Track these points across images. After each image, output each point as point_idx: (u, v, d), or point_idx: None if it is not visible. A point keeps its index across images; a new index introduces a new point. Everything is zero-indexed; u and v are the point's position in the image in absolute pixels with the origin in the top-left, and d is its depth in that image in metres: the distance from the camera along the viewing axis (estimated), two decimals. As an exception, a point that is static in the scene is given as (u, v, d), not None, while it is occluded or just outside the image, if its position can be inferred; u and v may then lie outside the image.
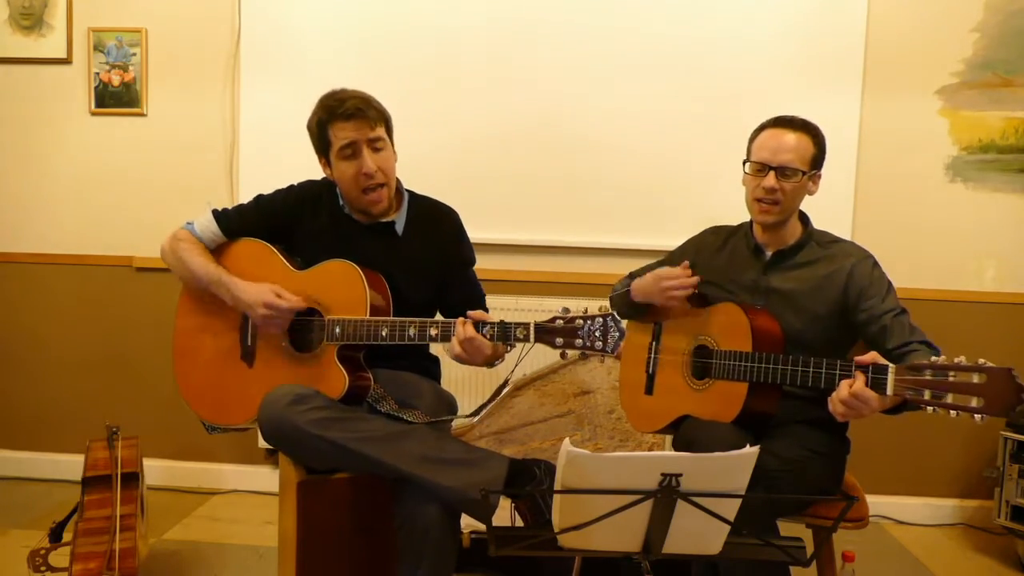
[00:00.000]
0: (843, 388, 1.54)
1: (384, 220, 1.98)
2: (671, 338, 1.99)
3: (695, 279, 1.90)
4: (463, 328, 1.70)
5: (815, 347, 1.76)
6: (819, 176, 1.88)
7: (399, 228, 1.98)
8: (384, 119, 1.90)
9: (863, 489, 2.00)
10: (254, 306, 1.83)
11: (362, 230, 1.97)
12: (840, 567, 1.93)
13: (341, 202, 1.98)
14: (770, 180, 1.82)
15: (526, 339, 1.68)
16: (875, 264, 1.84)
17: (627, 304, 2.00)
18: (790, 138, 1.83)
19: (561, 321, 1.66)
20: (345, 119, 1.84)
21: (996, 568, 2.69)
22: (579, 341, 1.64)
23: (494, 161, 2.98)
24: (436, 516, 1.69)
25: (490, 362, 1.79)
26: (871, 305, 1.78)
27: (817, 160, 1.86)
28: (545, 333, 1.66)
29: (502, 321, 1.69)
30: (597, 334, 1.64)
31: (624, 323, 1.70)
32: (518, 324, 1.68)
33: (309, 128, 1.92)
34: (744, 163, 1.89)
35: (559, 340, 1.65)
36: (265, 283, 1.86)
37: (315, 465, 1.81)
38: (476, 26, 2.95)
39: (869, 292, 1.79)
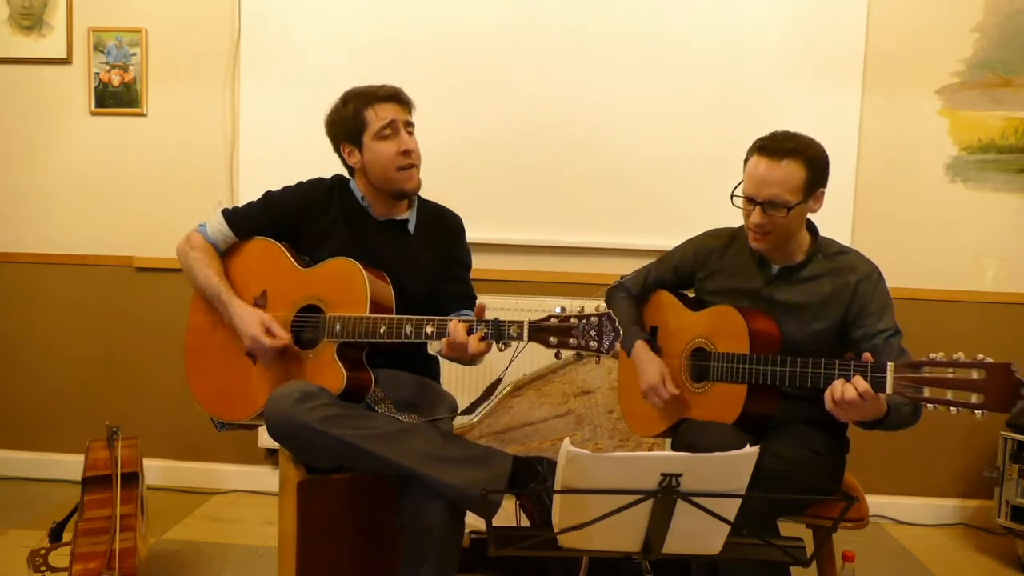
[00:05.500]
0: (834, 391, 1.57)
1: (398, 218, 2.00)
2: (668, 342, 1.99)
3: (669, 396, 1.90)
4: (455, 327, 1.68)
5: (811, 357, 1.73)
6: (821, 193, 1.80)
7: (411, 227, 2.01)
8: (413, 109, 1.98)
9: (863, 489, 2.00)
10: (243, 335, 1.85)
11: (376, 225, 1.99)
12: (840, 567, 1.93)
13: (359, 195, 1.99)
14: (756, 216, 1.77)
15: (520, 337, 1.64)
16: (879, 280, 1.81)
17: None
18: (775, 171, 1.74)
19: (555, 320, 1.61)
20: (385, 100, 1.92)
21: (996, 568, 2.69)
22: (573, 340, 1.59)
23: (493, 161, 2.98)
24: (440, 514, 1.69)
25: (474, 360, 1.78)
26: (868, 323, 1.78)
27: (811, 183, 1.76)
28: (539, 331, 1.62)
29: (496, 319, 1.67)
30: (592, 333, 1.58)
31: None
32: (512, 322, 1.65)
33: (337, 118, 1.94)
34: (738, 185, 1.82)
35: (553, 339, 1.61)
36: (259, 314, 1.86)
37: (320, 463, 1.81)
38: (476, 27, 2.95)
39: (868, 309, 1.78)
